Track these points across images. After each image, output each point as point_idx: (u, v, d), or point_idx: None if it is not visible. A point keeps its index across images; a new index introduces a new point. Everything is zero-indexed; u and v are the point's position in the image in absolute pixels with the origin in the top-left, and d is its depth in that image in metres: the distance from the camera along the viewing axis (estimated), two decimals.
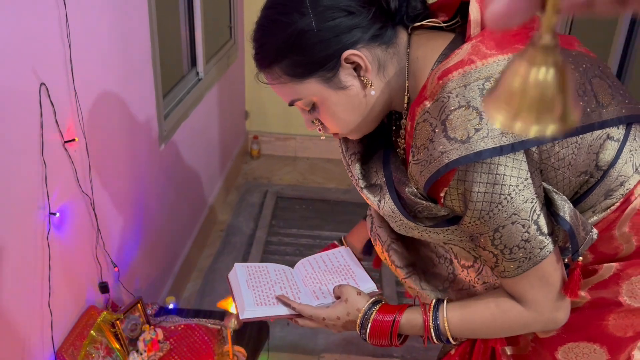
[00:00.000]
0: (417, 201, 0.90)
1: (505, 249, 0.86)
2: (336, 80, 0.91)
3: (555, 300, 0.90)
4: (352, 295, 1.04)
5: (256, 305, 1.09)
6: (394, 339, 1.00)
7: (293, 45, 0.89)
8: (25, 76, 1.21)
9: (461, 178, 0.83)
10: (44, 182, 1.29)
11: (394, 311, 1.00)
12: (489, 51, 0.83)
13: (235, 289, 1.16)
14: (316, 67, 0.90)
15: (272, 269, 1.22)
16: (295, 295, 1.12)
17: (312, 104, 0.96)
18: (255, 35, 0.94)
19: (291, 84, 0.93)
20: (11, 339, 1.24)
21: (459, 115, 0.80)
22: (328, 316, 1.04)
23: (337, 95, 0.92)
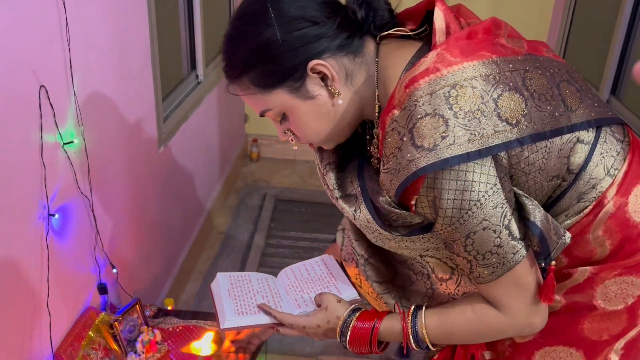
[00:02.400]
0: (391, 210, 0.91)
1: (478, 254, 0.87)
2: (304, 90, 0.92)
3: (531, 305, 0.90)
4: (332, 303, 1.04)
5: (237, 314, 1.09)
6: (374, 346, 1.00)
7: (260, 56, 0.90)
8: (25, 78, 1.22)
9: (430, 185, 0.84)
10: (43, 184, 1.30)
11: (373, 318, 1.00)
12: (454, 58, 0.84)
13: (217, 298, 1.15)
14: (283, 78, 0.91)
15: (255, 278, 1.21)
16: (278, 303, 1.11)
17: (282, 114, 0.96)
18: (223, 47, 0.95)
19: (260, 94, 0.94)
20: (10, 339, 1.25)
21: (426, 123, 0.81)
22: (308, 324, 1.04)
23: (305, 104, 0.93)
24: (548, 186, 0.91)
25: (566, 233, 0.89)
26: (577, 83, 0.92)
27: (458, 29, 0.89)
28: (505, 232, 0.85)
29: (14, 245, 1.23)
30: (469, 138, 0.80)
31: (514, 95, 0.83)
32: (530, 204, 0.87)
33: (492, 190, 0.83)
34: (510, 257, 0.86)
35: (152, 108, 2.02)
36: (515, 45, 0.90)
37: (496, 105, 0.81)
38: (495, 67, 0.84)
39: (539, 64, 0.89)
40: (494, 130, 0.81)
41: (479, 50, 0.85)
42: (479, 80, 0.82)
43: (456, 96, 0.81)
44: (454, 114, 0.80)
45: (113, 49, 1.66)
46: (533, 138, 0.83)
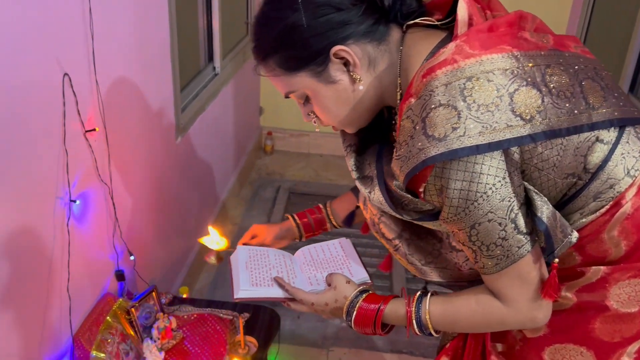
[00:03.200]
0: (402, 194, 0.92)
1: (483, 245, 0.87)
2: (326, 74, 0.94)
3: (534, 300, 0.91)
4: (341, 283, 1.07)
5: (251, 285, 1.13)
6: (378, 328, 1.03)
7: (285, 40, 0.93)
8: (49, 66, 1.24)
9: (438, 175, 0.85)
10: (65, 170, 1.32)
11: (379, 301, 1.03)
12: (473, 51, 0.84)
13: (234, 269, 1.19)
14: (307, 62, 0.93)
15: (273, 253, 1.25)
16: (291, 280, 1.16)
17: (305, 97, 1.00)
18: (253, 29, 0.99)
19: (284, 76, 0.97)
20: (31, 322, 1.28)
21: (439, 114, 0.81)
22: (317, 301, 1.08)
23: (327, 88, 0.96)
24: (562, 184, 0.90)
25: (573, 232, 0.89)
26: (602, 81, 0.91)
27: (481, 20, 0.89)
28: (511, 226, 0.85)
29: (37, 230, 1.25)
30: (480, 131, 0.80)
31: (531, 90, 0.82)
32: (539, 199, 0.86)
33: (500, 183, 0.83)
34: (514, 250, 0.87)
35: (171, 98, 2.04)
36: (540, 40, 0.89)
37: (511, 99, 0.81)
38: (515, 61, 0.84)
39: (563, 59, 0.88)
40: (507, 125, 0.81)
41: (499, 43, 0.85)
42: (496, 74, 0.82)
43: (471, 88, 0.81)
44: (468, 106, 0.80)
45: (134, 39, 1.68)
46: (547, 135, 0.83)
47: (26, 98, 1.17)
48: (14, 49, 1.12)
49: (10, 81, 1.11)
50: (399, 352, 2.22)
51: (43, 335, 1.33)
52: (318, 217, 1.37)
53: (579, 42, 0.95)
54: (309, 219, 1.37)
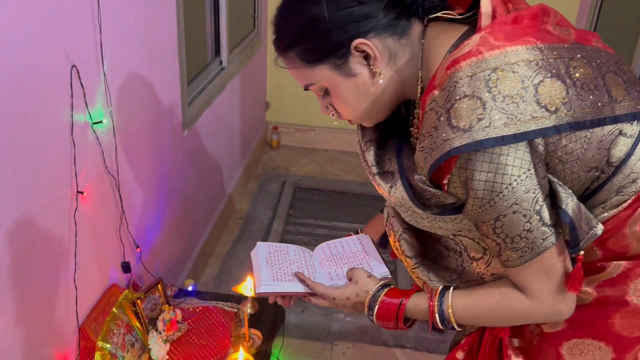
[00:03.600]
0: (424, 188, 0.92)
1: (507, 237, 0.87)
2: (346, 67, 0.94)
3: (558, 293, 0.91)
4: (363, 277, 1.07)
5: (273, 280, 1.14)
6: (400, 322, 1.03)
7: (306, 32, 0.93)
8: (57, 58, 1.25)
9: (463, 166, 0.85)
10: (72, 162, 1.33)
11: (401, 295, 1.03)
12: (497, 42, 0.84)
13: (255, 264, 1.20)
14: (327, 54, 0.93)
15: (292, 249, 1.26)
16: (312, 275, 1.16)
17: (325, 90, 0.99)
18: (274, 20, 0.99)
19: (304, 69, 0.97)
20: (38, 312, 1.29)
21: (464, 105, 0.81)
22: (338, 296, 1.08)
23: (346, 82, 0.96)
24: (586, 177, 0.90)
25: (598, 225, 0.89)
26: (624, 75, 0.91)
27: (504, 13, 0.89)
28: (535, 218, 0.85)
29: (44, 220, 1.26)
30: (506, 122, 0.80)
31: (555, 82, 0.83)
32: (563, 191, 0.87)
33: (525, 174, 0.83)
34: (539, 242, 0.87)
35: (178, 92, 2.04)
36: (563, 33, 0.89)
37: (536, 91, 0.81)
38: (539, 53, 0.84)
39: (586, 53, 0.88)
40: (532, 116, 0.81)
41: (523, 35, 0.86)
42: (520, 65, 0.82)
43: (496, 80, 0.81)
44: (493, 97, 0.80)
45: (142, 32, 1.69)
46: (572, 126, 0.83)
47: (34, 89, 1.17)
48: (22, 40, 1.12)
49: (18, 72, 1.12)
50: (402, 347, 2.22)
51: (50, 325, 1.34)
52: None
53: (599, 38, 0.95)
54: None
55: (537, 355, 1.04)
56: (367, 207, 3.12)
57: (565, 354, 1.00)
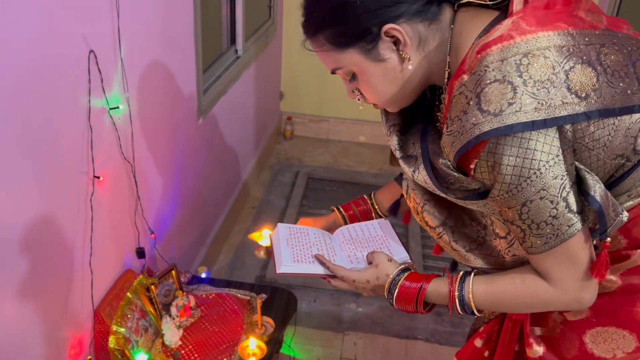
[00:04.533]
0: (449, 173, 0.92)
1: (533, 224, 0.87)
2: (375, 52, 0.94)
3: (582, 280, 0.90)
4: (383, 261, 1.07)
5: (293, 261, 1.14)
6: (419, 306, 1.03)
7: (336, 16, 0.92)
8: (75, 43, 1.26)
9: (491, 150, 0.84)
10: (89, 147, 1.34)
11: (422, 279, 1.03)
12: (529, 27, 0.83)
13: (276, 246, 1.21)
14: (357, 39, 0.93)
15: (312, 232, 1.26)
16: (332, 257, 1.16)
17: (352, 74, 0.99)
18: (304, 2, 0.98)
19: (333, 52, 0.97)
20: (54, 295, 1.31)
21: (494, 89, 0.81)
22: (358, 279, 1.08)
23: (375, 66, 0.96)
24: (611, 164, 0.90)
25: (624, 212, 0.88)
26: None
27: None
28: (562, 204, 0.85)
29: (61, 204, 1.27)
30: (536, 107, 0.80)
31: (586, 68, 0.82)
32: (590, 178, 0.86)
33: (553, 160, 0.83)
34: (565, 229, 0.87)
35: (193, 80, 2.05)
36: (594, 20, 0.89)
37: (567, 77, 0.81)
38: (571, 39, 0.84)
39: (617, 40, 0.88)
40: (562, 102, 0.81)
41: (555, 21, 0.85)
42: (552, 51, 0.82)
43: (527, 64, 0.81)
44: (524, 81, 0.80)
45: (159, 20, 1.69)
46: (601, 113, 0.83)
47: (52, 74, 1.18)
48: (41, 26, 1.13)
49: (37, 58, 1.13)
50: (414, 339, 2.22)
51: (65, 308, 1.36)
52: (363, 208, 1.37)
53: (630, 25, 0.94)
54: (355, 210, 1.36)
55: (560, 343, 1.03)
56: None
57: (588, 342, 1.00)
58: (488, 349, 1.14)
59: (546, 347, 1.05)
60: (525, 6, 0.87)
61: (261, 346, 1.67)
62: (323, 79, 3.64)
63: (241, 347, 1.66)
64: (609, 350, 0.98)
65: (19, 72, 1.08)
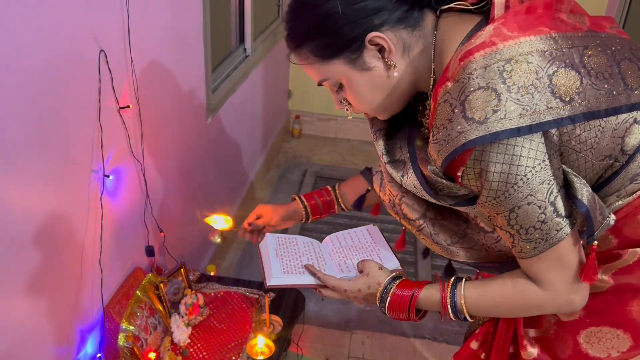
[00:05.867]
0: (437, 180, 0.93)
1: (521, 229, 0.87)
2: (360, 61, 0.94)
3: (572, 283, 0.91)
4: (374, 269, 1.07)
5: (283, 272, 1.14)
6: (412, 314, 1.03)
7: (319, 28, 0.92)
8: (86, 42, 1.26)
9: (477, 158, 0.84)
10: (99, 146, 1.35)
11: (413, 287, 1.03)
12: (511, 33, 0.83)
13: (265, 257, 1.20)
14: (341, 49, 0.93)
15: (301, 241, 1.25)
16: (322, 267, 1.16)
17: (339, 84, 0.99)
18: (286, 17, 0.99)
19: (318, 64, 0.97)
20: (64, 293, 1.32)
21: (478, 97, 0.81)
22: (350, 288, 1.08)
23: (361, 75, 0.96)
24: (599, 165, 0.90)
25: (611, 215, 0.89)
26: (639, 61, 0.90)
27: (518, 3, 0.88)
28: (550, 209, 0.85)
29: (72, 203, 1.28)
30: (521, 113, 0.80)
31: (569, 72, 0.82)
32: (578, 182, 0.86)
33: (539, 166, 0.83)
34: (553, 233, 0.87)
35: (202, 78, 2.05)
36: (577, 22, 0.89)
37: (550, 81, 0.81)
38: (553, 43, 0.84)
39: (600, 41, 0.88)
40: (547, 107, 0.81)
41: (537, 25, 0.85)
42: (534, 56, 0.82)
43: (510, 71, 0.81)
44: (507, 88, 0.80)
45: (168, 19, 1.69)
46: (586, 116, 0.83)
47: (63, 73, 1.19)
48: (52, 25, 1.13)
49: (47, 57, 1.13)
50: (422, 338, 2.22)
51: (75, 306, 1.37)
52: (326, 199, 1.35)
53: (613, 23, 0.94)
54: (317, 201, 1.35)
55: (554, 344, 1.03)
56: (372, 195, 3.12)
57: (582, 342, 1.00)
58: (484, 351, 1.15)
59: (540, 349, 1.05)
60: (507, 11, 0.87)
61: (269, 345, 1.67)
62: None
63: (249, 345, 1.67)
64: (604, 350, 0.99)
65: (30, 71, 1.09)
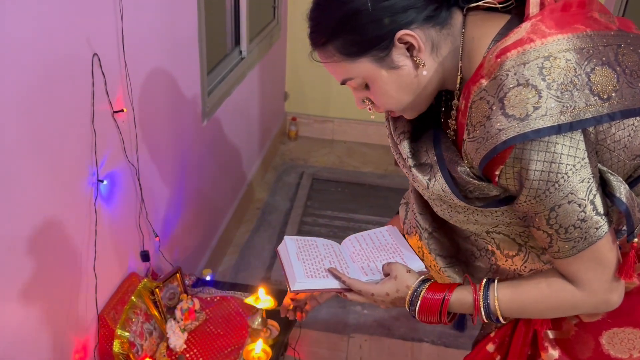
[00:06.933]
0: (469, 180, 0.91)
1: (561, 228, 0.87)
2: (389, 60, 0.92)
3: (609, 282, 0.90)
4: (402, 272, 1.05)
5: (306, 277, 1.10)
6: (443, 317, 1.01)
7: (347, 25, 0.90)
8: (79, 46, 1.25)
9: (518, 156, 0.83)
10: (93, 150, 1.33)
11: (444, 289, 1.01)
12: (549, 30, 0.83)
13: (285, 261, 1.16)
14: (369, 47, 0.91)
15: (321, 243, 1.22)
16: (344, 269, 1.12)
17: (364, 84, 0.97)
18: (311, 14, 0.96)
19: (344, 62, 0.95)
20: (58, 300, 1.30)
21: (517, 93, 0.80)
22: (377, 292, 1.05)
23: (389, 74, 0.94)
24: (630, 165, 0.90)
25: None
26: None
27: (553, 1, 0.88)
28: (590, 207, 0.85)
29: (65, 208, 1.27)
30: (561, 110, 0.79)
31: (606, 70, 0.82)
32: (615, 179, 0.86)
33: (580, 164, 0.83)
34: (592, 232, 0.86)
35: (198, 81, 2.04)
36: (608, 20, 0.89)
37: (589, 79, 0.81)
38: (589, 40, 0.84)
39: (630, 40, 0.88)
40: (586, 104, 0.80)
41: (573, 22, 0.85)
42: (572, 53, 0.82)
43: (549, 67, 0.80)
44: (547, 85, 0.80)
45: (162, 22, 1.68)
46: (623, 114, 0.83)
47: (56, 77, 1.18)
48: (45, 29, 1.12)
49: (40, 61, 1.12)
50: (419, 341, 2.21)
51: (70, 312, 1.35)
52: None
53: (636, 26, 0.95)
54: None
55: (575, 345, 1.02)
56: (385, 199, 3.11)
57: (605, 343, 1.00)
58: (500, 353, 1.13)
59: (561, 350, 1.04)
60: (543, 9, 0.86)
61: (266, 349, 1.66)
62: (328, 79, 3.63)
63: (246, 350, 1.65)
64: (626, 351, 0.98)
65: (23, 75, 1.07)
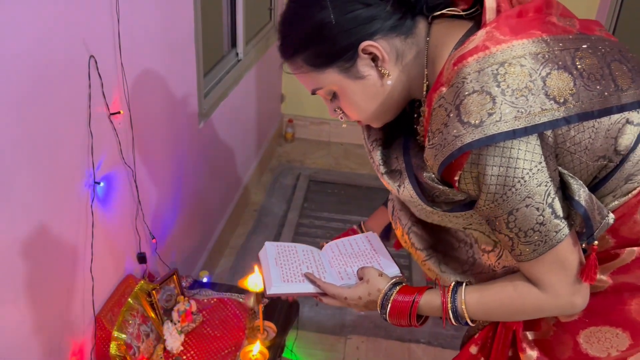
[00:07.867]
0: (434, 186, 0.92)
1: (520, 232, 0.87)
2: (354, 70, 0.94)
3: (573, 284, 0.91)
4: (374, 276, 1.07)
5: (283, 281, 1.13)
6: (413, 320, 1.03)
7: (313, 37, 0.93)
8: (76, 48, 1.25)
9: (474, 161, 0.84)
10: (90, 152, 1.33)
11: (414, 292, 1.03)
12: (503, 37, 0.84)
13: (264, 265, 1.20)
14: (335, 58, 0.93)
15: (301, 249, 1.26)
16: (322, 274, 1.16)
17: (333, 93, 1.00)
18: (279, 27, 0.99)
19: (312, 73, 0.97)
20: (55, 302, 1.30)
21: (473, 100, 0.81)
22: (350, 296, 1.08)
23: (355, 84, 0.96)
24: (594, 166, 0.91)
25: (609, 214, 0.89)
26: (629, 63, 0.91)
27: (508, 7, 0.89)
28: (548, 211, 0.86)
29: (62, 210, 1.27)
30: (516, 115, 0.80)
31: (562, 74, 0.83)
32: (574, 183, 0.87)
33: (536, 168, 0.84)
34: (552, 235, 0.87)
35: (194, 83, 2.04)
36: (567, 24, 0.90)
37: (544, 83, 0.82)
38: (545, 45, 0.84)
39: (590, 43, 0.89)
40: (541, 109, 0.81)
41: (529, 28, 0.86)
42: (527, 59, 0.82)
43: (504, 74, 0.81)
44: (502, 91, 0.81)
45: (159, 24, 1.68)
46: (580, 117, 0.83)
47: (52, 79, 1.18)
48: (41, 30, 1.12)
49: (36, 63, 1.12)
50: (416, 342, 2.22)
51: (66, 315, 1.35)
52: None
53: (602, 26, 0.95)
54: None
55: (554, 345, 1.03)
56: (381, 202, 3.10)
57: (582, 342, 1.00)
58: (483, 355, 1.15)
59: (540, 351, 1.05)
60: (498, 16, 0.88)
61: (263, 351, 1.66)
62: None
63: (243, 352, 1.65)
64: (603, 350, 0.99)
65: (18, 77, 1.07)
